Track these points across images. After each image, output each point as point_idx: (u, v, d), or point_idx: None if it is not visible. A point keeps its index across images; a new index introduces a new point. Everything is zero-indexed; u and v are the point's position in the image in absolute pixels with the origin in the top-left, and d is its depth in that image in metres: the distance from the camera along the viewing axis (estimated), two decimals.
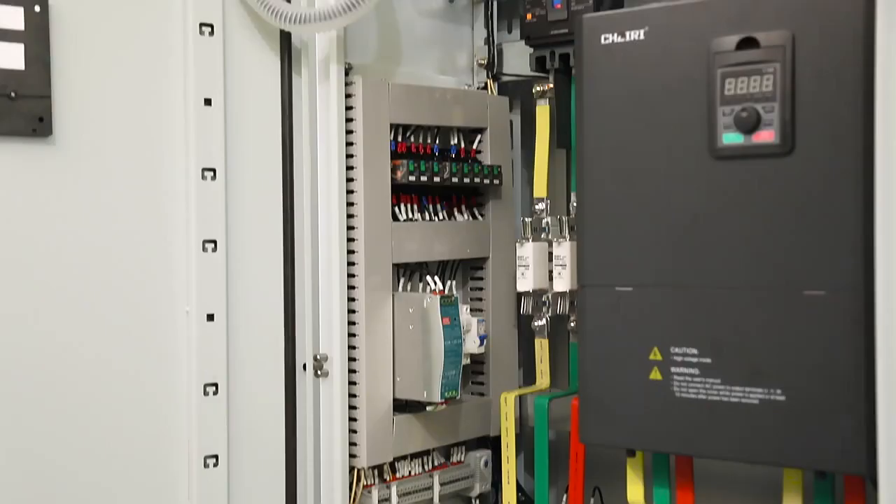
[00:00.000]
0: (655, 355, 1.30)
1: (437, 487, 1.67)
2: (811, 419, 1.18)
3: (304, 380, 1.53)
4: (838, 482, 1.25)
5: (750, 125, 1.22)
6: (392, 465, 1.61)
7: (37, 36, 1.28)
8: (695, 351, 1.27)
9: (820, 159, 1.19)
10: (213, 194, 1.44)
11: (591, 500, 1.63)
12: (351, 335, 1.54)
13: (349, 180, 1.54)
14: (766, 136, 1.22)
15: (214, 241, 1.44)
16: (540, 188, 1.67)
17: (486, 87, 1.80)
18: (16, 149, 1.28)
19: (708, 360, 1.26)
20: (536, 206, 1.67)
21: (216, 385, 1.44)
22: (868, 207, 1.13)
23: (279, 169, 1.51)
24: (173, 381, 1.43)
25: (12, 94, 1.26)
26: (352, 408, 1.54)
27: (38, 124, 1.28)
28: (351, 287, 1.54)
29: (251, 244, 1.49)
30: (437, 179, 1.62)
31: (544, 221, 1.64)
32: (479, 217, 1.74)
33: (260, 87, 1.50)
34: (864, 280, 1.15)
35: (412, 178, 1.58)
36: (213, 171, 1.44)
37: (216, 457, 1.45)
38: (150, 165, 1.41)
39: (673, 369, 1.28)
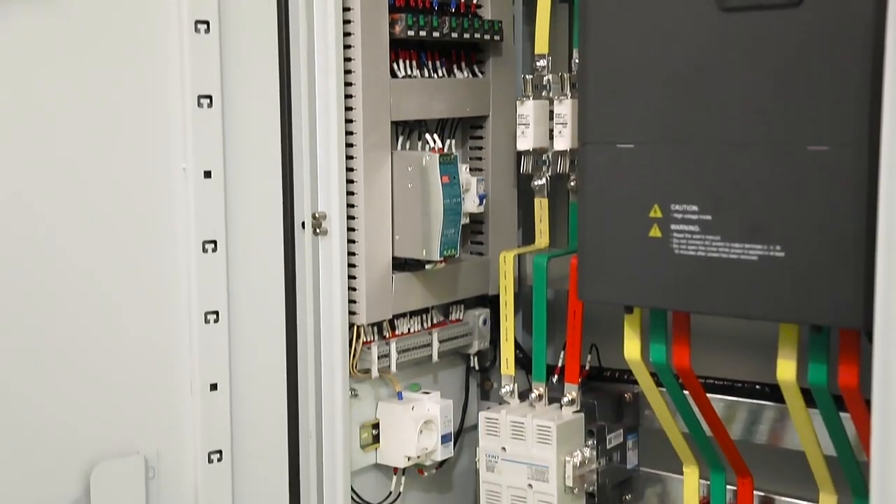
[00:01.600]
0: (655, 212, 1.29)
1: (435, 345, 1.69)
2: (809, 275, 1.18)
3: (303, 238, 1.53)
4: (833, 337, 1.26)
5: None
6: (391, 322, 1.62)
7: None
8: (695, 208, 1.26)
9: (829, 11, 1.15)
10: (206, 48, 1.41)
11: (588, 357, 1.65)
12: (350, 193, 1.53)
13: (346, 34, 1.50)
14: None
15: (210, 97, 1.42)
16: (541, 44, 1.63)
17: None
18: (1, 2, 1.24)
19: (708, 217, 1.25)
20: (537, 63, 1.63)
21: (214, 242, 1.44)
22: (876, 61, 1.10)
23: (274, 22, 1.48)
24: (171, 237, 1.43)
25: None
26: (351, 266, 1.55)
27: None
28: (349, 145, 1.52)
29: (247, 100, 1.47)
30: (436, 35, 1.58)
31: (545, 79, 1.61)
32: (479, 74, 1.71)
33: None
34: (870, 135, 1.13)
35: (411, 33, 1.54)
36: (207, 23, 1.40)
37: (216, 313, 1.46)
38: (143, 19, 1.37)
39: (673, 226, 1.28)
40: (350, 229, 1.54)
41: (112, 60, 1.35)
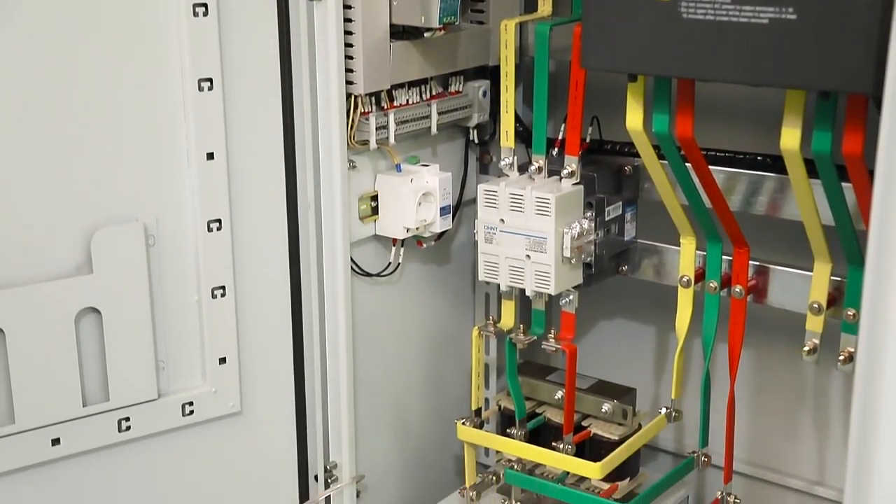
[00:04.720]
0: None
1: (434, 116, 1.66)
2: (821, 39, 1.14)
3: (297, 3, 1.47)
4: (840, 106, 1.23)
5: None
6: (389, 92, 1.59)
7: None
8: None
9: None
10: None
11: (589, 130, 1.63)
12: None
13: None
14: None
15: None
16: None
17: None
18: None
19: None
20: None
21: (205, 5, 1.40)
22: None
23: None
24: (162, 3, 1.38)
25: None
26: (347, 33, 1.50)
27: None
28: None
29: None
30: None
31: None
32: None
33: None
34: None
35: None
36: None
37: (210, 80, 1.42)
38: None
39: None
40: None
41: None
